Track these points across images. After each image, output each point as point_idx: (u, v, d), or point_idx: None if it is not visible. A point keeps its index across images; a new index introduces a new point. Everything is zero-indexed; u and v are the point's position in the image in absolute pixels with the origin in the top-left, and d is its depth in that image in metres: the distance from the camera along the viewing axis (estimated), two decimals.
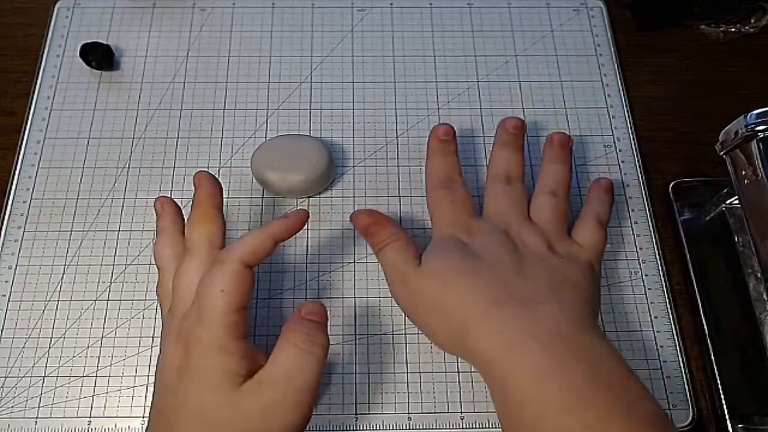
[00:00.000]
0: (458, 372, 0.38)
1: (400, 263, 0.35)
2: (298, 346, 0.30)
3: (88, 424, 0.36)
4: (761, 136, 0.33)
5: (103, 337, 0.38)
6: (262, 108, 0.46)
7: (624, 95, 0.47)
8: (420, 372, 0.38)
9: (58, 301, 0.39)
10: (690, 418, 0.37)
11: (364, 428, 0.36)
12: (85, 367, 0.38)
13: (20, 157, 0.44)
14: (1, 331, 0.38)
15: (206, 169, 0.37)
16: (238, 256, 0.31)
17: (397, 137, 0.45)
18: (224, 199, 0.42)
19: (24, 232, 0.41)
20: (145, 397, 0.37)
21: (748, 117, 0.33)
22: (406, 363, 0.38)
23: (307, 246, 0.41)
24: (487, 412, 0.37)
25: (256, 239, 0.31)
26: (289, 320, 0.31)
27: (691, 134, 0.46)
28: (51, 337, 0.38)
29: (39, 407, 0.37)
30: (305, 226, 0.41)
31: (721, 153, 0.36)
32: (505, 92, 0.47)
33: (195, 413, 0.29)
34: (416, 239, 0.41)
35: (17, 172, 0.43)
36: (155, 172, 0.43)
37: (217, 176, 0.36)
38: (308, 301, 0.33)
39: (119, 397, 0.37)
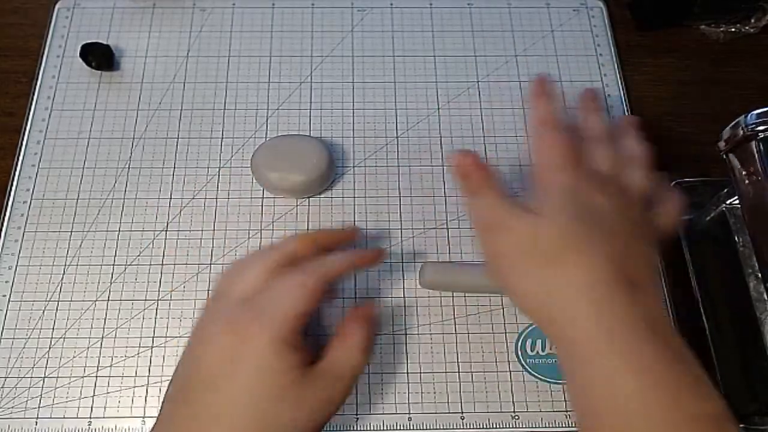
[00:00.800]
0: (458, 372, 0.38)
1: (495, 211, 0.33)
2: (358, 346, 0.32)
3: (89, 425, 0.36)
4: (761, 136, 0.33)
5: (103, 337, 0.38)
6: (262, 108, 0.46)
7: (624, 95, 0.47)
8: (420, 372, 0.38)
9: (58, 301, 0.39)
10: None
11: (364, 428, 0.36)
12: (85, 367, 0.38)
13: (20, 157, 0.44)
14: (1, 331, 0.38)
15: (206, 169, 0.37)
16: (324, 274, 0.31)
17: (397, 137, 0.45)
18: (225, 200, 0.42)
19: (24, 232, 0.41)
20: (145, 398, 0.37)
21: (748, 117, 0.33)
22: (406, 363, 0.38)
23: None
24: (487, 412, 0.37)
25: (344, 264, 0.33)
26: (348, 320, 0.33)
27: (691, 134, 0.46)
28: (51, 338, 0.38)
29: (39, 407, 0.37)
30: (305, 227, 0.42)
31: (721, 153, 0.36)
32: (505, 92, 0.47)
33: (248, 405, 0.29)
34: (417, 239, 0.41)
35: (17, 172, 0.43)
36: (155, 172, 0.43)
37: (216, 176, 0.36)
38: (365, 302, 0.35)
39: (119, 397, 0.37)
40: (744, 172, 0.34)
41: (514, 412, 0.37)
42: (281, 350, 0.29)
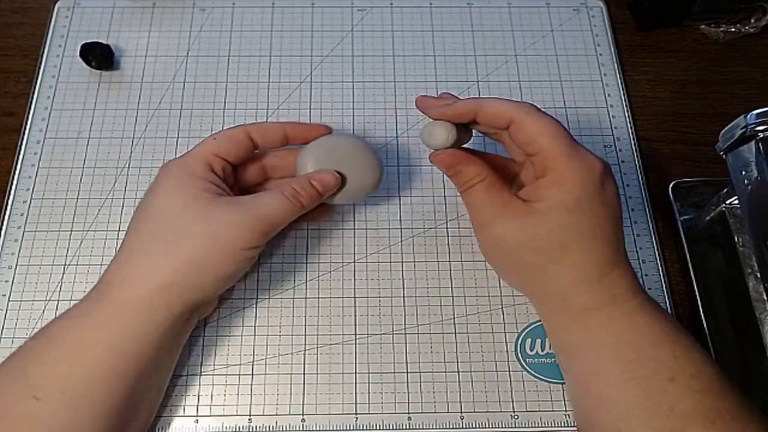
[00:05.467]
0: (458, 372, 0.38)
1: (488, 209, 0.33)
2: (283, 192, 0.34)
3: None
4: (761, 136, 0.33)
5: None
6: (262, 108, 0.46)
7: (624, 95, 0.47)
8: (420, 372, 0.38)
9: (58, 301, 0.39)
10: None
11: (364, 428, 0.36)
12: None
13: (20, 157, 0.44)
14: (1, 331, 0.38)
15: None
16: (246, 126, 0.36)
17: (397, 137, 0.45)
18: None
19: (24, 232, 0.41)
20: None
21: (748, 117, 0.33)
22: (406, 363, 0.38)
23: (307, 246, 0.41)
24: (487, 412, 0.37)
25: (270, 123, 0.36)
26: (297, 177, 0.35)
27: (691, 134, 0.46)
28: None
29: None
30: (306, 226, 0.42)
31: (721, 153, 0.36)
32: (505, 92, 0.47)
33: (155, 214, 0.33)
34: (417, 239, 0.41)
35: (17, 172, 0.43)
36: (155, 172, 0.43)
37: None
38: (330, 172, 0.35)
39: None
40: (744, 172, 0.34)
41: (513, 411, 0.37)
42: (183, 176, 0.33)
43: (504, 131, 0.34)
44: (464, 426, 0.37)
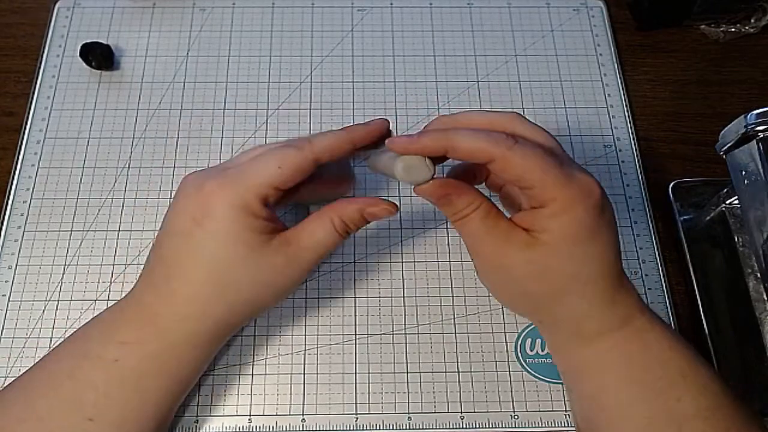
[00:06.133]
0: (458, 372, 0.38)
1: (487, 243, 0.30)
2: (334, 223, 0.31)
3: None
4: (761, 136, 0.33)
5: None
6: (262, 108, 0.46)
7: (624, 95, 0.47)
8: (420, 372, 0.38)
9: (58, 301, 0.39)
10: None
11: (364, 428, 0.36)
12: None
13: (20, 157, 0.44)
14: (1, 331, 0.38)
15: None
16: (313, 149, 0.30)
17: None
18: None
19: (24, 232, 0.41)
20: None
21: (748, 117, 0.33)
22: (406, 363, 0.38)
23: None
24: (487, 412, 0.37)
25: (335, 138, 0.31)
26: (339, 201, 0.31)
27: (691, 134, 0.46)
28: (51, 337, 0.38)
29: None
30: None
31: (721, 153, 0.36)
32: (505, 92, 0.47)
33: (210, 261, 0.30)
34: (417, 239, 0.41)
35: (17, 172, 0.43)
36: (155, 172, 0.43)
37: None
38: (378, 198, 0.32)
39: None
40: (744, 172, 0.34)
41: (513, 411, 0.37)
42: (239, 216, 0.29)
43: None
44: (464, 426, 0.37)
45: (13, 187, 0.43)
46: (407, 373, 0.38)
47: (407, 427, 0.37)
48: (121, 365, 0.31)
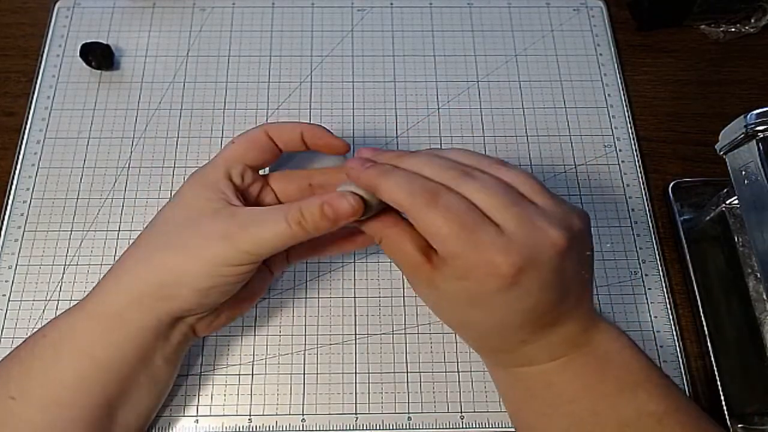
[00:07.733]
0: (458, 372, 0.38)
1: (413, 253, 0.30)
2: (286, 213, 0.29)
3: None
4: (761, 136, 0.33)
5: None
6: (262, 108, 0.46)
7: (624, 95, 0.47)
8: (420, 372, 0.38)
9: (58, 301, 0.39)
10: None
11: (364, 428, 0.36)
12: None
13: (20, 157, 0.44)
14: (1, 331, 0.38)
15: None
16: (265, 126, 0.34)
17: (397, 137, 0.45)
18: None
19: (24, 232, 0.41)
20: None
21: (748, 117, 0.33)
22: (406, 363, 0.38)
23: None
24: (487, 411, 0.37)
25: (286, 123, 0.34)
26: (309, 198, 0.30)
27: (691, 134, 0.46)
28: None
29: None
30: None
31: (721, 153, 0.36)
32: (505, 92, 0.47)
33: (158, 224, 0.32)
34: None
35: (17, 172, 0.43)
36: (155, 172, 0.43)
37: None
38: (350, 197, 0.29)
39: None
40: (744, 172, 0.34)
41: None
42: (197, 188, 0.32)
43: None
44: (464, 426, 0.37)
45: (13, 187, 0.43)
46: (407, 373, 0.38)
47: (407, 427, 0.37)
48: (47, 338, 0.31)
